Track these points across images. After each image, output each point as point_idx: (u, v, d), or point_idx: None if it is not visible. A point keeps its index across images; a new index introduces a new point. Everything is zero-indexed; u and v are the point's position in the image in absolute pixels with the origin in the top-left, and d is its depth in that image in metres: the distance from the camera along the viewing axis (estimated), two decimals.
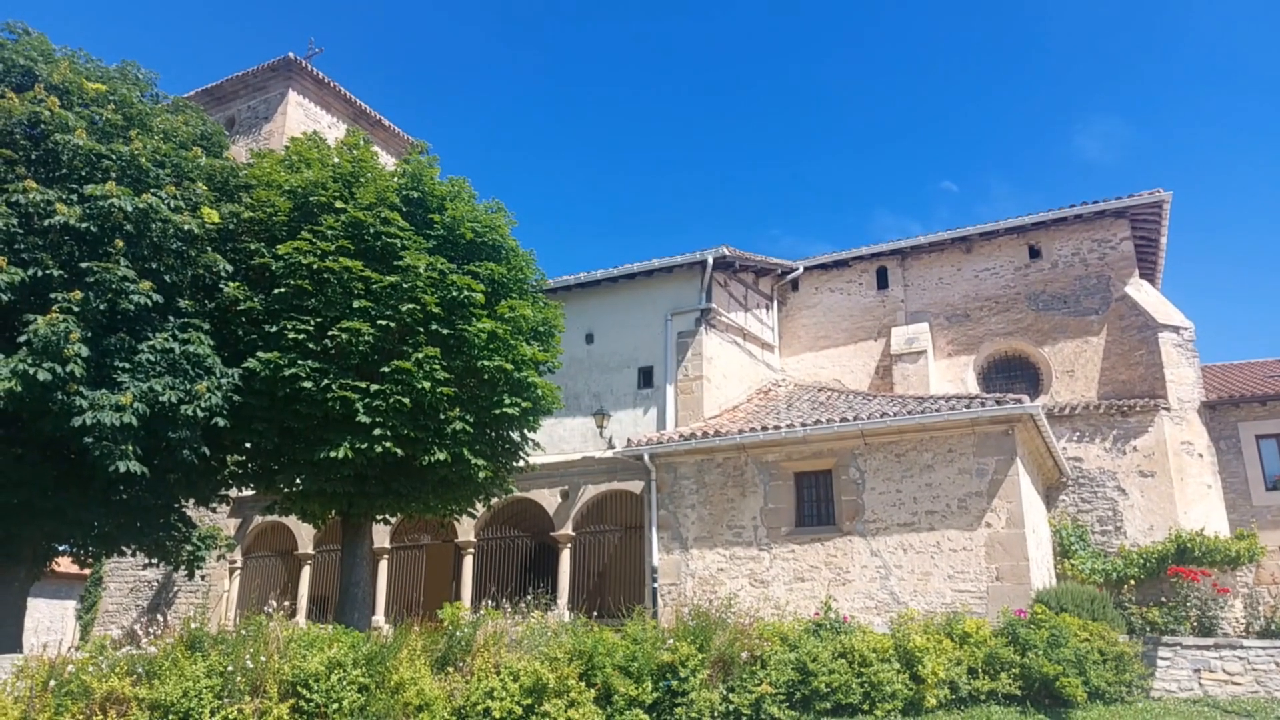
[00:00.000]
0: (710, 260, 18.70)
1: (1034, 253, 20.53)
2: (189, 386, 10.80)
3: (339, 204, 12.23)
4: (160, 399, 10.47)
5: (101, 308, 10.40)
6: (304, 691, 8.93)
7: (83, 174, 11.01)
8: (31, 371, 9.65)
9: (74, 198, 10.66)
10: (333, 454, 11.49)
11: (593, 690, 10.06)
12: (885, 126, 65.19)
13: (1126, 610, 14.51)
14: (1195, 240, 53.73)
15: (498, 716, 9.52)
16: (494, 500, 15.74)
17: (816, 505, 15.25)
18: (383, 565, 19.98)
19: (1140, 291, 19.28)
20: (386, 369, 11.66)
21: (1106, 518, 17.28)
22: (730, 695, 10.34)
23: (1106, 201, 19.52)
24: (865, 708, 10.47)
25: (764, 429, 15.61)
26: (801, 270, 22.39)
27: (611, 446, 18.32)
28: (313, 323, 11.68)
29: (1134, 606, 14.72)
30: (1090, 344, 19.45)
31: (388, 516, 14.50)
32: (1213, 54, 54.71)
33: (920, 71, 63.30)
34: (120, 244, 10.64)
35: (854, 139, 66.49)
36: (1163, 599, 14.79)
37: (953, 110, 63.25)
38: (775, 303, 22.65)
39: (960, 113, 63.19)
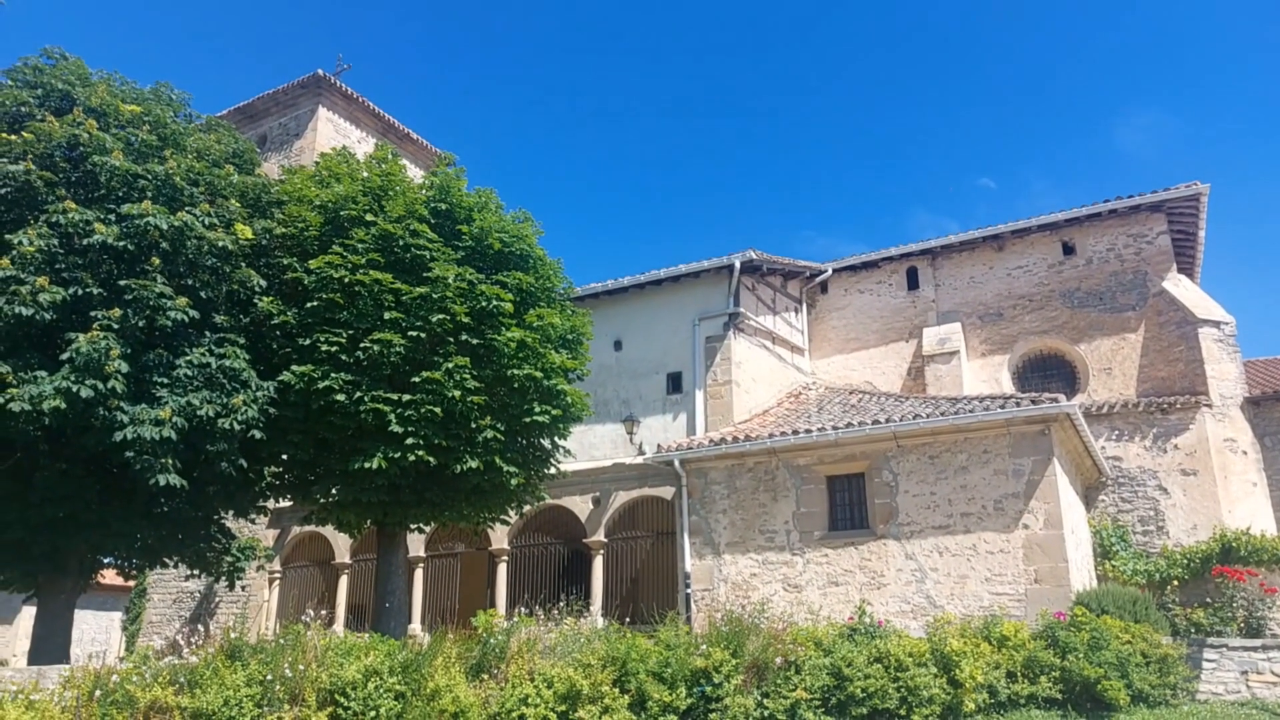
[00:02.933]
0: (737, 264, 18.67)
1: (1068, 249, 20.25)
2: (226, 400, 10.99)
3: (369, 217, 12.39)
4: (198, 413, 10.67)
5: (140, 324, 10.62)
6: (341, 700, 9.02)
7: (120, 194, 11.25)
8: (74, 389, 9.88)
9: (112, 217, 10.90)
10: (367, 464, 11.62)
11: (626, 696, 10.05)
12: (922, 124, 64.72)
13: (1170, 611, 14.22)
14: (1235, 232, 52.65)
15: None
16: (526, 508, 15.83)
17: (849, 509, 15.13)
18: (418, 574, 20.16)
19: (1178, 286, 18.94)
20: (417, 379, 11.78)
21: (1148, 517, 16.97)
22: (765, 701, 10.28)
23: (1142, 196, 19.21)
24: (902, 713, 10.36)
25: (795, 432, 15.53)
26: (830, 272, 22.28)
27: (642, 453, 18.34)
28: (345, 335, 11.83)
29: (1178, 608, 14.42)
30: (1128, 341, 19.13)
31: (422, 525, 14.64)
32: (1253, 43, 53.63)
33: (958, 67, 62.77)
34: (157, 261, 10.86)
35: (890, 138, 66.10)
36: (1208, 600, 14.47)
37: (991, 106, 62.63)
38: (804, 305, 22.55)
39: (999, 108, 62.56)
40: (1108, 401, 18.21)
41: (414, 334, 11.84)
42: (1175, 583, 15.20)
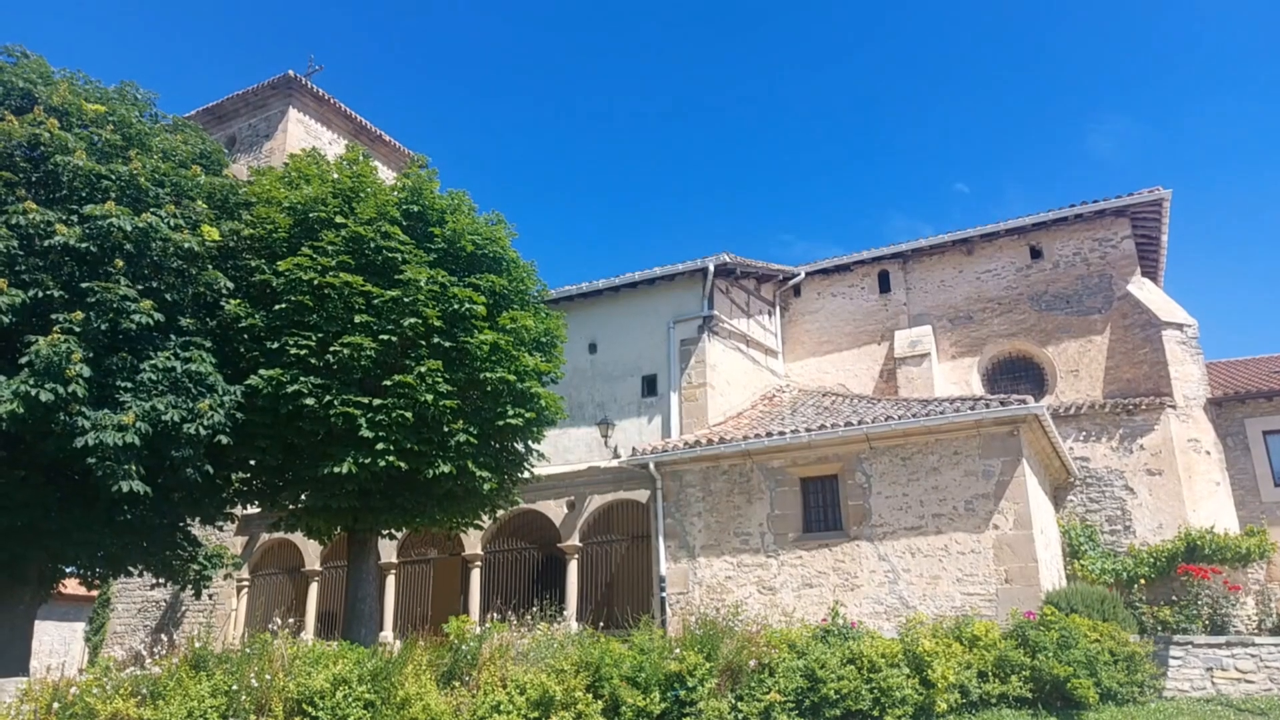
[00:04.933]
0: (711, 267, 18.70)
1: (1035, 253, 20.50)
2: (191, 405, 10.78)
3: (339, 219, 12.24)
4: (163, 418, 10.45)
5: (103, 328, 10.40)
6: (309, 709, 8.89)
7: (82, 194, 11.02)
8: (33, 393, 9.64)
9: (74, 218, 10.66)
10: (336, 470, 11.46)
11: (600, 702, 10.01)
12: (897, 130, 65.24)
13: (1137, 610, 14.41)
14: (1198, 236, 53.65)
15: None
16: (500, 512, 15.71)
17: (823, 511, 15.19)
18: (390, 580, 19.94)
19: (1142, 290, 19.24)
20: (389, 383, 11.65)
21: (1115, 517, 17.20)
22: (739, 704, 10.28)
23: (1106, 200, 19.51)
24: (875, 714, 10.40)
25: (769, 435, 15.57)
26: (803, 275, 22.39)
27: (617, 456, 18.29)
28: (314, 338, 11.67)
29: (1145, 606, 14.62)
30: (1094, 343, 19.40)
31: (394, 531, 14.47)
32: (1219, 50, 54.73)
33: (932, 73, 63.40)
34: (120, 263, 10.65)
35: (866, 143, 66.56)
36: (1174, 598, 14.69)
37: (965, 112, 63.28)
38: (778, 308, 22.63)
39: (972, 114, 63.20)
40: (1075, 403, 18.44)
41: (385, 337, 11.71)
42: (1142, 581, 15.42)
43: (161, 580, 14.31)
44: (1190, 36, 55.14)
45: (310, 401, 11.42)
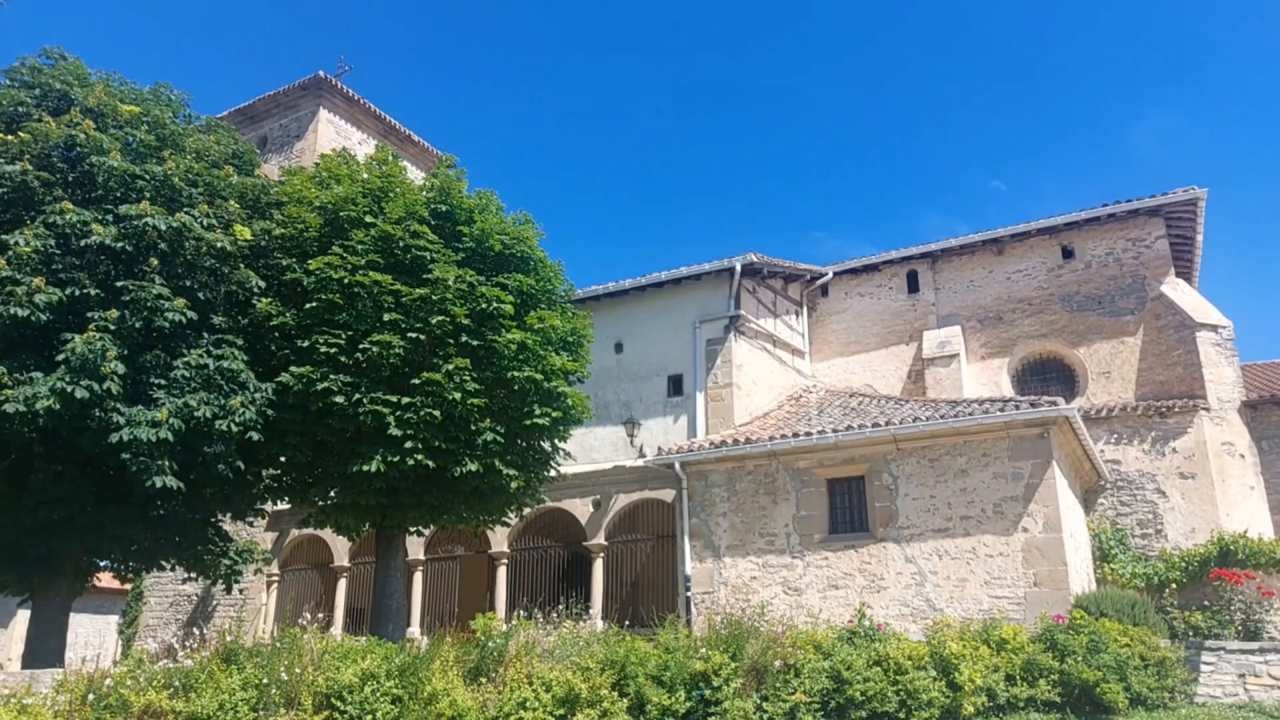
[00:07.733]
0: (738, 267, 18.66)
1: (1067, 253, 20.27)
2: (223, 402, 10.93)
3: (369, 219, 12.36)
4: (195, 414, 10.61)
5: (137, 325, 10.57)
6: (338, 703, 8.98)
7: (118, 194, 11.20)
8: (70, 389, 9.81)
9: (109, 218, 10.84)
10: (365, 467, 11.57)
11: (625, 700, 10.03)
12: (934, 125, 64.69)
13: (1168, 615, 14.23)
14: (1234, 236, 52.72)
15: None
16: (526, 510, 15.77)
17: (850, 512, 15.11)
18: (417, 577, 20.11)
19: (1176, 290, 18.96)
20: (417, 381, 11.74)
21: (1146, 521, 16.97)
22: (764, 704, 10.26)
23: (1140, 200, 19.25)
24: (901, 716, 10.33)
25: (795, 435, 15.51)
26: (830, 275, 22.29)
27: (642, 455, 18.30)
28: (344, 336, 11.78)
29: (1176, 611, 14.43)
30: (1126, 344, 19.14)
31: (421, 528, 14.59)
32: (1263, 45, 53.73)
33: (971, 67, 62.80)
34: (155, 262, 10.80)
35: (901, 138, 66.05)
36: (1206, 603, 14.48)
37: (1003, 107, 62.60)
38: (805, 308, 22.54)
39: (1011, 109, 62.50)
40: (1106, 405, 18.21)
41: (413, 336, 11.80)
42: (1174, 586, 15.21)
43: (193, 575, 14.53)
44: (1225, 28, 54.23)
45: (340, 399, 11.53)
